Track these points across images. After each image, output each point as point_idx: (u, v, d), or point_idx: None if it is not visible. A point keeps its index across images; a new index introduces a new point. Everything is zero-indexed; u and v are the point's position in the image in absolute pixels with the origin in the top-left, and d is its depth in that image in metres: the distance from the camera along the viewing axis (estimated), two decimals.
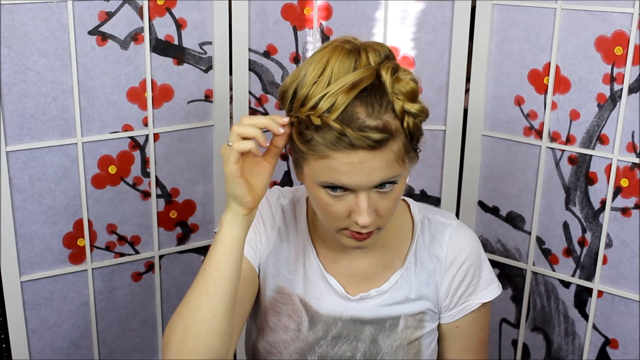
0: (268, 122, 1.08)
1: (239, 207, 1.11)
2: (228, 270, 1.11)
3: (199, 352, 1.10)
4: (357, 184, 1.09)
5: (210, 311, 1.10)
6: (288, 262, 1.29)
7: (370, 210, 1.11)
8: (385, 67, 1.10)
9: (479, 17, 1.70)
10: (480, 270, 1.30)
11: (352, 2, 1.72)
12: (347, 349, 1.29)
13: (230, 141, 1.07)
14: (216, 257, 1.12)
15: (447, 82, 1.74)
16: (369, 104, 1.07)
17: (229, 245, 1.12)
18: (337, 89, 1.07)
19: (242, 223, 1.12)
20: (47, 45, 1.56)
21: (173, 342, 1.11)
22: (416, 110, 1.10)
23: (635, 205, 1.60)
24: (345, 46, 1.11)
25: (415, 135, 1.12)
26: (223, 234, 1.12)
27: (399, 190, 1.14)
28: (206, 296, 1.11)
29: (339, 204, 1.12)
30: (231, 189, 1.09)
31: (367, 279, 1.29)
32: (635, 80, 1.54)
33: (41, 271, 1.67)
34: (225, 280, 1.11)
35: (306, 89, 1.09)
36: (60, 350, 1.74)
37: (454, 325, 1.32)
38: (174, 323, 1.13)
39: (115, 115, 1.67)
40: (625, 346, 1.67)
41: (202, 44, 1.73)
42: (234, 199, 1.10)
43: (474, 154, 1.77)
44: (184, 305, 1.13)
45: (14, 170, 1.59)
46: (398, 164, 1.10)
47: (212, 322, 1.10)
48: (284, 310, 1.30)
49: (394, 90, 1.09)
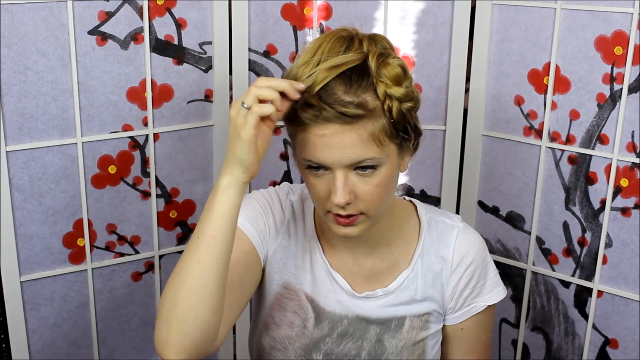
0: (286, 86, 1.07)
1: (243, 173, 1.07)
2: (223, 238, 1.08)
3: (188, 321, 1.07)
4: (330, 160, 1.10)
5: (202, 280, 1.07)
6: (295, 258, 1.29)
7: (345, 190, 1.11)
8: (373, 52, 1.11)
9: (479, 17, 1.70)
10: (486, 273, 1.30)
11: (352, 2, 1.72)
12: (352, 347, 1.29)
13: (247, 103, 1.04)
14: (210, 224, 1.08)
15: (447, 82, 1.74)
16: (348, 83, 1.09)
17: (224, 212, 1.08)
18: (322, 68, 1.09)
19: (239, 190, 1.08)
20: (47, 45, 1.56)
21: (162, 313, 1.08)
22: (400, 94, 1.11)
23: (635, 205, 1.60)
24: (340, 33, 1.14)
25: (401, 122, 1.12)
26: (219, 200, 1.08)
27: (383, 177, 1.13)
28: (198, 265, 1.07)
29: (321, 183, 1.14)
30: (242, 153, 1.05)
31: (372, 278, 1.29)
32: (635, 80, 1.54)
33: (41, 271, 1.67)
34: (218, 248, 1.08)
35: (296, 70, 1.12)
36: (60, 350, 1.74)
37: (458, 327, 1.32)
38: (165, 294, 1.10)
39: (115, 115, 1.67)
40: (625, 346, 1.67)
41: (202, 43, 1.73)
42: (241, 164, 1.06)
43: (474, 153, 1.77)
44: (175, 275, 1.09)
45: (13, 170, 1.59)
46: (375, 145, 1.10)
47: (203, 292, 1.07)
48: (289, 305, 1.30)
49: (379, 73, 1.10)
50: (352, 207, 1.14)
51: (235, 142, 1.06)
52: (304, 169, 1.15)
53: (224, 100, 1.78)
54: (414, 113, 1.16)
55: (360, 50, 1.12)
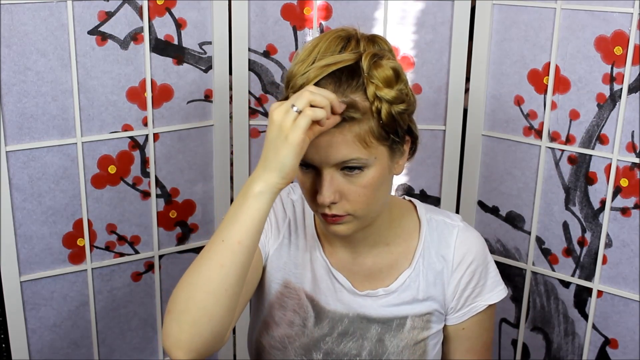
0: (334, 98, 1.05)
1: (281, 179, 1.04)
2: (249, 244, 1.06)
3: (202, 323, 1.05)
4: (317, 158, 1.10)
5: (223, 285, 1.05)
6: (295, 257, 1.30)
7: (330, 189, 1.11)
8: (367, 53, 1.11)
9: (479, 17, 1.70)
10: (486, 272, 1.31)
11: (351, 2, 1.72)
12: (352, 347, 1.29)
13: (299, 106, 1.02)
14: (240, 229, 1.05)
15: (446, 82, 1.74)
16: (338, 82, 1.09)
17: (255, 219, 1.05)
18: (315, 66, 1.09)
19: (272, 197, 1.05)
20: (46, 45, 1.56)
21: (174, 313, 1.06)
22: (390, 97, 1.10)
23: (635, 205, 1.60)
24: (339, 32, 1.14)
25: (391, 124, 1.12)
26: (251, 206, 1.05)
27: (370, 179, 1.12)
28: (221, 269, 1.05)
29: (309, 182, 1.14)
30: (286, 157, 1.02)
31: (373, 277, 1.29)
32: (634, 80, 1.54)
33: (41, 271, 1.67)
34: (244, 254, 1.06)
35: (292, 67, 1.13)
36: (60, 350, 1.74)
37: (459, 327, 1.32)
38: (177, 295, 1.07)
39: (115, 115, 1.67)
40: (625, 346, 1.67)
41: (202, 43, 1.73)
42: (282, 169, 1.03)
43: (474, 153, 1.77)
44: (193, 276, 1.06)
45: (13, 170, 1.59)
46: (362, 147, 1.10)
47: (222, 296, 1.05)
48: (289, 304, 1.30)
49: (370, 74, 1.09)
50: (338, 208, 1.14)
51: (281, 145, 1.02)
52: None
53: (224, 100, 1.78)
54: (407, 116, 1.15)
55: (355, 51, 1.12)
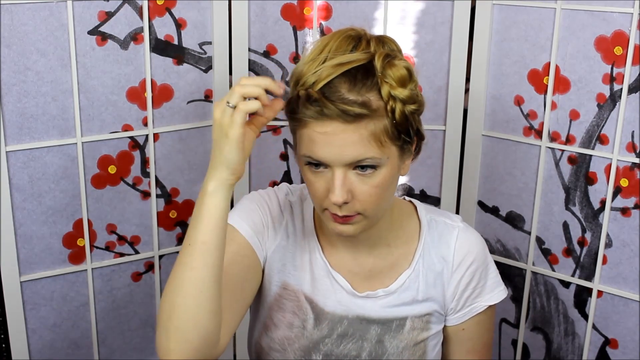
0: (269, 83, 1.07)
1: (230, 175, 1.06)
2: (215, 242, 1.07)
3: (187, 328, 1.06)
4: (330, 157, 1.10)
5: (197, 287, 1.06)
6: (294, 258, 1.29)
7: (343, 189, 1.11)
8: (380, 52, 1.11)
9: (479, 17, 1.70)
10: (486, 273, 1.31)
11: (351, 2, 1.72)
12: (352, 348, 1.29)
13: (232, 102, 1.04)
14: (201, 229, 1.07)
15: (446, 82, 1.74)
16: (352, 81, 1.09)
17: (214, 216, 1.07)
18: (327, 65, 1.09)
19: (227, 193, 1.08)
20: (46, 45, 1.56)
21: (161, 322, 1.07)
22: (404, 96, 1.10)
23: (635, 205, 1.60)
24: (348, 32, 1.14)
25: (403, 124, 1.12)
26: (208, 204, 1.07)
27: (382, 178, 1.13)
28: (192, 272, 1.06)
29: (320, 181, 1.14)
30: (229, 153, 1.05)
31: (373, 278, 1.29)
32: (635, 80, 1.54)
33: (41, 271, 1.67)
34: (211, 253, 1.07)
35: (302, 66, 1.12)
36: (60, 350, 1.74)
37: (459, 327, 1.32)
38: (162, 303, 1.09)
39: (115, 115, 1.67)
40: (625, 346, 1.67)
41: (202, 44, 1.73)
42: (228, 165, 1.06)
43: (474, 153, 1.77)
44: (170, 284, 1.08)
45: (13, 170, 1.59)
46: (376, 146, 1.10)
47: (200, 298, 1.06)
48: (288, 306, 1.30)
49: (384, 74, 1.10)
50: (349, 208, 1.14)
51: (223, 142, 1.05)
52: (303, 165, 1.15)
53: None
54: (417, 116, 1.16)
55: (367, 50, 1.12)
